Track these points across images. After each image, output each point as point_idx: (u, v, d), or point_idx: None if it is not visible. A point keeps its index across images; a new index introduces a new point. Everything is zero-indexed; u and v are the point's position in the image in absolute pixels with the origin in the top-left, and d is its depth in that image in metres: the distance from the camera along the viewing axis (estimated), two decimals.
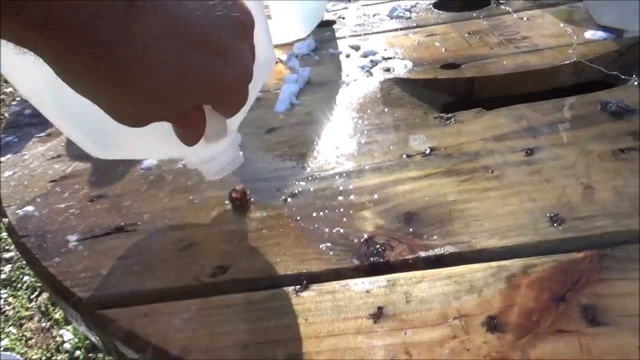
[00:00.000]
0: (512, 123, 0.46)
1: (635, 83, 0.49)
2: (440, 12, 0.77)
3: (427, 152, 0.44)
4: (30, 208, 0.46)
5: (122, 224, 0.42)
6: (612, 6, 0.60)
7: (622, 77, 0.50)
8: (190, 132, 0.29)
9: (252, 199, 0.42)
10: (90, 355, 1.28)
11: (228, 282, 0.35)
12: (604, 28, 0.61)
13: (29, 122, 0.61)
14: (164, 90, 0.23)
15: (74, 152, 0.54)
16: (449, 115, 0.49)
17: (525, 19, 0.68)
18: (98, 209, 0.44)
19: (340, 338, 0.29)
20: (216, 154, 0.36)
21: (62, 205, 0.45)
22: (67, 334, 1.34)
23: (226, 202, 0.42)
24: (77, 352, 1.29)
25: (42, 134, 0.59)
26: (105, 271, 0.37)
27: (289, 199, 0.42)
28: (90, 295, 0.35)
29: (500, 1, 0.77)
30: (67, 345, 1.30)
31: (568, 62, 0.55)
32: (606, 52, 0.56)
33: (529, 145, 0.43)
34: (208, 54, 0.24)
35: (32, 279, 1.50)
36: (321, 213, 0.39)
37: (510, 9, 0.73)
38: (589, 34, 0.60)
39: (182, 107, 0.25)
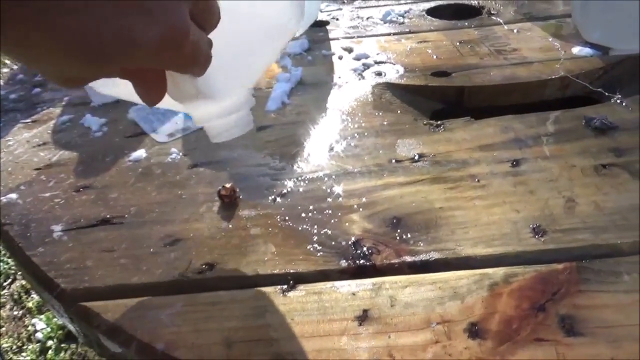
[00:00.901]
0: (499, 134, 0.47)
1: (619, 101, 0.50)
2: (433, 19, 0.78)
3: (416, 158, 0.45)
4: (13, 196, 0.45)
5: (109, 216, 0.42)
6: (600, 24, 0.62)
7: (606, 94, 0.52)
8: (147, 93, 0.26)
9: (240, 197, 0.42)
10: (62, 345, 1.26)
11: (215, 279, 0.35)
12: (591, 45, 0.63)
13: (14, 107, 0.59)
14: (69, 55, 0.20)
15: (60, 140, 0.54)
16: (439, 122, 0.50)
17: (515, 31, 0.70)
18: (84, 199, 0.44)
19: (326, 339, 0.30)
20: (221, 114, 0.33)
21: (47, 194, 0.45)
22: (39, 324, 1.31)
23: (215, 198, 0.42)
24: (50, 342, 1.27)
25: (27, 120, 0.58)
26: (91, 263, 0.37)
27: (278, 199, 0.42)
28: (74, 286, 0.35)
29: (492, 12, 0.79)
30: (39, 335, 1.28)
31: (555, 76, 0.56)
32: (592, 69, 0.57)
33: (515, 156, 0.44)
34: (121, 10, 0.20)
35: (6, 266, 1.47)
36: (310, 214, 0.40)
37: (501, 20, 0.74)
38: (576, 50, 0.62)
39: (104, 71, 0.22)
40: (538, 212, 0.37)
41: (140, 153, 0.50)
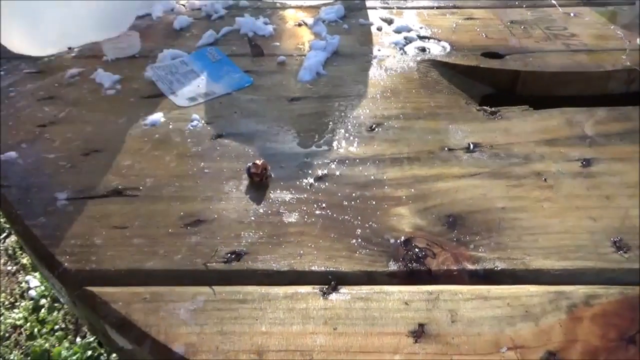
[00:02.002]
0: (564, 127, 0.42)
1: None
2: None
3: (471, 147, 0.40)
4: (13, 154, 0.40)
5: (121, 186, 0.37)
6: None
7: None
8: None
9: (272, 176, 0.37)
10: (56, 304, 1.23)
11: (243, 272, 0.30)
12: None
13: (19, 55, 0.53)
14: None
15: (68, 95, 0.48)
16: (494, 109, 0.45)
17: (572, 14, 0.64)
18: (93, 165, 0.39)
19: (376, 356, 0.25)
20: None
21: (51, 156, 0.40)
22: (33, 281, 1.28)
23: (243, 176, 0.37)
24: (43, 301, 1.23)
25: (33, 70, 0.52)
26: (100, 241, 0.32)
27: (314, 182, 0.37)
28: (79, 267, 0.30)
29: None
30: (32, 293, 1.25)
31: (621, 68, 0.50)
32: None
33: (585, 155, 0.39)
34: None
35: (2, 220, 1.42)
36: (352, 202, 0.35)
37: (555, 2, 0.68)
38: None
39: None
40: (618, 223, 0.32)
41: (158, 117, 0.44)
